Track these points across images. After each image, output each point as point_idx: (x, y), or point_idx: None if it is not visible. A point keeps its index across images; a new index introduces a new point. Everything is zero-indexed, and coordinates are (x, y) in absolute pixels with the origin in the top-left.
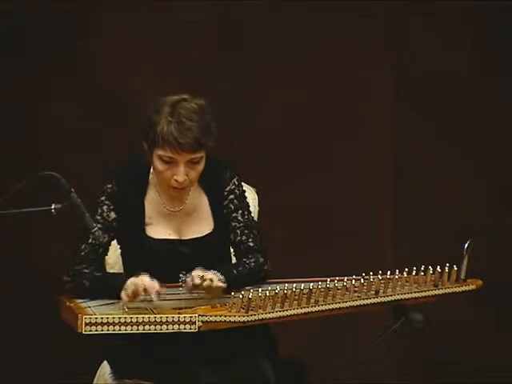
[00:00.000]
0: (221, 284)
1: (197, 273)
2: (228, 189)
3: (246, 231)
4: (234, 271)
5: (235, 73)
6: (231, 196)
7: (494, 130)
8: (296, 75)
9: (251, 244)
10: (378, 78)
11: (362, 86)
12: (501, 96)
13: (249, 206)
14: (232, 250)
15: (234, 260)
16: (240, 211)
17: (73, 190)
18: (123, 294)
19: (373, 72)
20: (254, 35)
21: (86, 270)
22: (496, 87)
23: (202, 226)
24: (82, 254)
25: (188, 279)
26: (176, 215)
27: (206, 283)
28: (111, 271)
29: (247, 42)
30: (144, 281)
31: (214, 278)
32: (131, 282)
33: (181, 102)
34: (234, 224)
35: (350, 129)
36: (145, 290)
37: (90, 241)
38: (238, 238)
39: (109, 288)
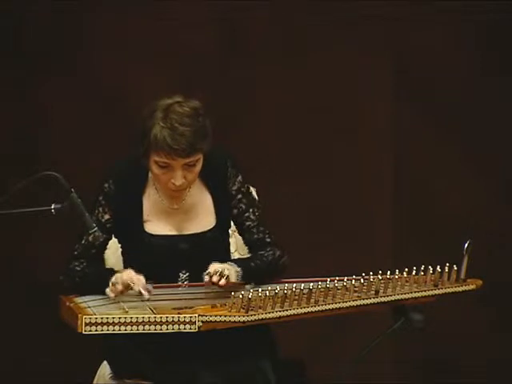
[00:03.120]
0: (236, 281)
1: (214, 269)
2: (235, 188)
3: (261, 228)
4: (252, 264)
5: (235, 73)
6: (239, 195)
7: (493, 130)
8: (296, 75)
9: (268, 240)
10: (378, 78)
11: (362, 86)
12: (501, 96)
13: (256, 201)
14: (247, 247)
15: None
16: (251, 209)
17: (73, 190)
18: (108, 291)
19: (373, 72)
20: (253, 35)
21: (78, 268)
22: (496, 87)
23: (203, 222)
24: (75, 253)
25: (206, 277)
26: (176, 212)
27: (221, 281)
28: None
29: (247, 42)
30: (130, 275)
31: (232, 274)
32: (117, 277)
33: (173, 106)
34: (248, 223)
35: (350, 129)
36: (132, 284)
37: (83, 241)
38: (255, 236)
39: (98, 282)
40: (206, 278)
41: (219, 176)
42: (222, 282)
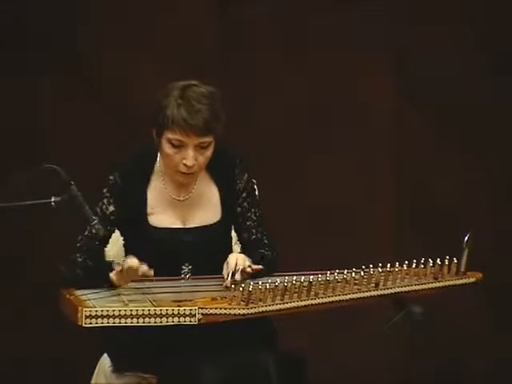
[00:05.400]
0: (258, 267)
1: (234, 264)
2: (241, 186)
3: (260, 229)
4: (256, 258)
5: (234, 73)
6: (244, 194)
7: (494, 129)
8: (296, 75)
9: (266, 241)
10: (379, 78)
11: (362, 85)
12: (501, 95)
13: (259, 202)
14: (242, 246)
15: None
16: (253, 209)
17: (73, 182)
18: (112, 275)
19: (374, 72)
20: (254, 35)
21: (80, 259)
22: (497, 87)
23: (208, 215)
24: (78, 244)
25: (229, 278)
26: (182, 204)
27: (248, 270)
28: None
29: (247, 42)
30: (133, 260)
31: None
32: (120, 262)
33: (191, 87)
34: (248, 223)
35: (351, 128)
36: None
37: (86, 233)
38: (254, 236)
39: (99, 276)
40: (229, 279)
41: (228, 173)
42: (249, 270)
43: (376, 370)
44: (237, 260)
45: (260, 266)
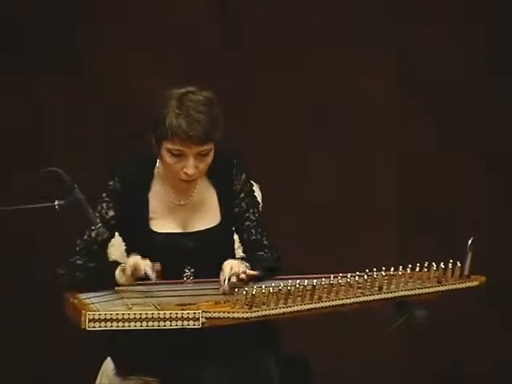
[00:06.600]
0: (253, 273)
1: (230, 270)
2: (239, 187)
3: (259, 229)
4: (255, 261)
5: (235, 72)
6: (242, 195)
7: (494, 129)
8: (296, 75)
9: (265, 242)
10: (379, 78)
11: (362, 85)
12: (501, 95)
13: (258, 202)
14: (243, 247)
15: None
16: (251, 209)
17: (76, 185)
18: (118, 277)
19: (374, 72)
20: (254, 35)
21: (80, 262)
22: (497, 87)
23: (208, 219)
24: (77, 248)
25: (225, 283)
26: (182, 208)
27: (242, 276)
28: None
29: (247, 42)
30: (136, 259)
31: (244, 269)
32: (127, 261)
33: (188, 95)
34: (247, 223)
35: (351, 128)
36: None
37: (85, 237)
38: (253, 237)
39: (102, 277)
40: (225, 285)
41: (225, 174)
42: (243, 276)
43: (378, 371)
44: (231, 266)
45: (256, 272)
